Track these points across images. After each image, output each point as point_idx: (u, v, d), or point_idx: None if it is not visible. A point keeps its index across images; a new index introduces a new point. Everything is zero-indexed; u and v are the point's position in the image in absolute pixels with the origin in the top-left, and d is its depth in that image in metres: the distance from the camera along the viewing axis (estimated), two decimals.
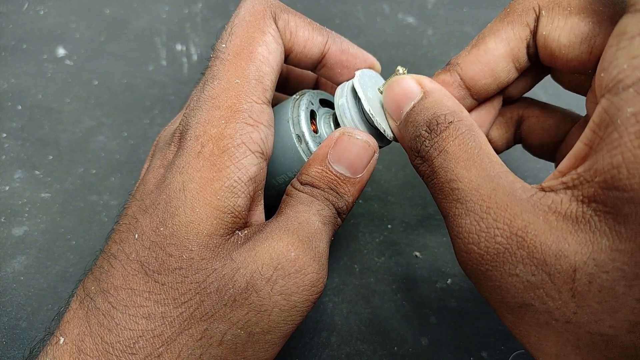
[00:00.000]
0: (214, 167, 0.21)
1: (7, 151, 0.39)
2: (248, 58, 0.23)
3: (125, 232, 0.21)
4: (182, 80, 0.46)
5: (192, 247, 0.20)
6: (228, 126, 0.21)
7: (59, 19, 0.53)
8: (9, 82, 0.45)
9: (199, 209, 0.20)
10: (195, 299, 0.19)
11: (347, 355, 0.27)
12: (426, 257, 0.32)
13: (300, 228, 0.22)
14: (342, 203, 0.24)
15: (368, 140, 0.24)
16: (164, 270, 0.20)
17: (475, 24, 0.51)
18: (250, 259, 0.20)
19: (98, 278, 0.21)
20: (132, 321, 0.19)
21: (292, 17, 0.25)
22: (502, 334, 0.28)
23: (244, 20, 0.24)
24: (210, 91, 0.22)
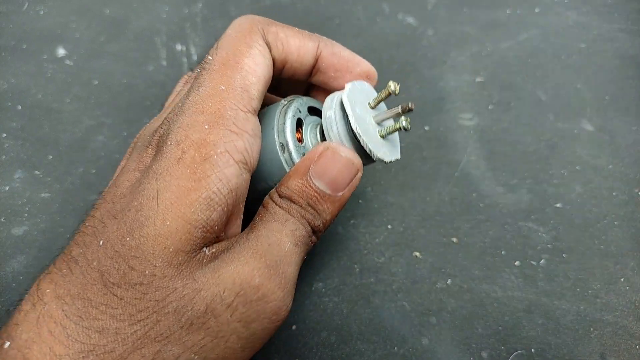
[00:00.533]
0: (193, 175, 0.20)
1: (7, 151, 0.39)
2: (234, 68, 0.22)
3: (90, 235, 0.20)
4: None
5: (157, 262, 0.19)
6: (212, 132, 0.20)
7: (59, 19, 0.53)
8: (9, 82, 0.45)
9: (170, 222, 0.19)
10: (152, 318, 0.19)
11: (347, 355, 0.27)
12: (426, 258, 0.32)
13: (269, 251, 0.21)
14: (319, 221, 0.23)
15: (352, 159, 0.24)
16: (124, 284, 0.19)
17: (475, 24, 0.51)
18: (213, 281, 0.19)
19: (55, 281, 0.19)
20: (85, 334, 0.18)
21: (280, 28, 0.25)
22: (501, 334, 0.28)
23: (230, 36, 0.24)
24: (194, 97, 0.22)
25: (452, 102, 0.42)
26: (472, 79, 0.45)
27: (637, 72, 0.44)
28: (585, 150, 0.38)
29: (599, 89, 0.43)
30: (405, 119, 0.25)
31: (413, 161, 0.38)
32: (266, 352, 0.27)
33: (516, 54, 0.47)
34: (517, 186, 0.36)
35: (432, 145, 0.39)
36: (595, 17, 0.51)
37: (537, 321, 0.28)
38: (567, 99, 0.42)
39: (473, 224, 0.33)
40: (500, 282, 0.30)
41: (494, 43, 0.48)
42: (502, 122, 0.41)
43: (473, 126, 0.40)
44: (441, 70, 0.46)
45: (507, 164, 0.37)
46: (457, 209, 0.34)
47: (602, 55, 0.46)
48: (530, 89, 0.43)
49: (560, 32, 0.49)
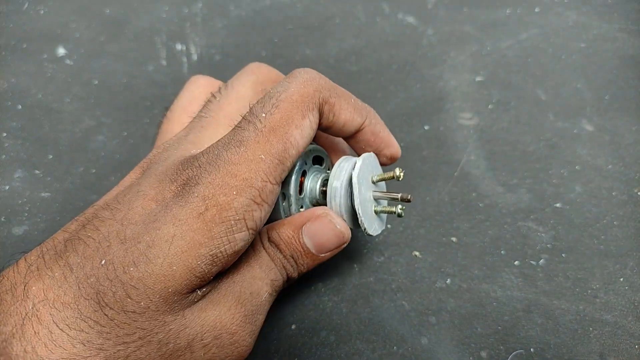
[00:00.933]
0: (208, 233, 0.21)
1: (7, 151, 0.39)
2: (281, 137, 0.23)
3: (92, 249, 0.21)
4: (182, 80, 0.46)
5: (154, 298, 0.20)
6: (237, 199, 0.21)
7: (59, 19, 0.53)
8: (9, 82, 0.45)
9: (175, 267, 0.20)
10: (137, 343, 0.20)
11: (346, 355, 0.27)
12: (425, 257, 0.32)
13: (249, 300, 0.23)
14: (295, 272, 0.26)
15: (344, 232, 0.26)
16: (118, 309, 0.19)
17: (475, 24, 0.51)
18: (199, 321, 0.21)
19: (45, 283, 0.20)
20: (70, 343, 0.19)
21: (338, 100, 0.25)
22: (501, 334, 0.28)
23: (291, 98, 0.23)
24: (233, 155, 0.22)
25: (452, 101, 0.42)
26: (472, 79, 0.45)
27: (637, 72, 0.44)
28: (585, 150, 0.38)
29: (599, 88, 0.43)
30: (401, 207, 0.27)
31: (413, 161, 0.38)
32: (266, 352, 0.27)
33: (516, 53, 0.47)
34: (516, 186, 0.36)
35: (432, 145, 0.39)
36: (595, 17, 0.51)
37: (537, 321, 0.28)
38: (567, 98, 0.42)
39: (473, 224, 0.33)
40: (500, 281, 0.30)
41: (493, 43, 0.48)
42: (502, 121, 0.41)
43: (473, 126, 0.40)
44: (441, 69, 0.46)
45: (507, 163, 0.37)
46: (456, 208, 0.34)
47: (602, 55, 0.46)
48: (530, 89, 0.43)
49: (560, 32, 0.49)
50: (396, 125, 0.40)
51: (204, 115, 0.27)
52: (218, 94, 0.28)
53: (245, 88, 0.28)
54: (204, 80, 0.32)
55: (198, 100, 0.30)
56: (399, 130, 0.40)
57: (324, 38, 0.50)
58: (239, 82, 0.28)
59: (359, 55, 0.47)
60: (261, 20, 0.52)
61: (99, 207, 0.23)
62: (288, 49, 0.49)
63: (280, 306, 0.29)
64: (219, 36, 0.51)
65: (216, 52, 0.49)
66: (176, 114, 0.31)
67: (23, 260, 0.22)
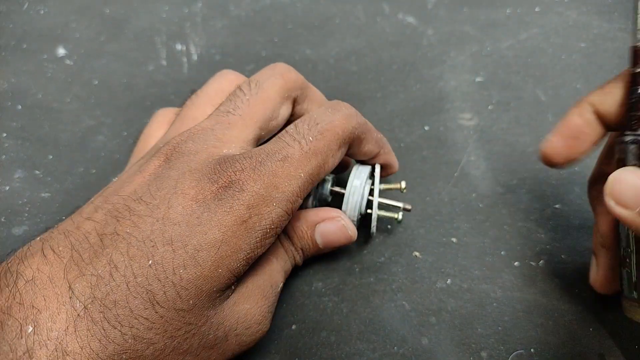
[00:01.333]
0: (248, 240, 0.22)
1: (7, 151, 0.39)
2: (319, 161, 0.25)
3: (135, 248, 0.21)
4: (182, 80, 0.46)
5: (201, 296, 0.22)
6: (275, 210, 0.23)
7: (59, 19, 0.53)
8: (9, 82, 0.45)
9: (221, 270, 0.22)
10: (183, 336, 0.21)
11: (347, 355, 0.27)
12: (426, 258, 0.32)
13: (271, 292, 0.26)
14: (300, 262, 0.29)
15: (352, 236, 0.29)
16: (168, 307, 0.21)
17: (475, 24, 0.51)
18: (234, 315, 0.23)
19: (92, 284, 0.20)
20: (122, 338, 0.20)
21: (366, 135, 0.28)
22: (501, 334, 0.28)
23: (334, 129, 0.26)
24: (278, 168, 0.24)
25: (452, 102, 0.43)
26: (471, 79, 0.45)
27: None
28: None
29: None
30: (402, 215, 0.31)
31: (412, 161, 0.38)
32: (266, 352, 0.27)
33: (516, 53, 0.47)
34: (516, 186, 0.36)
35: (432, 145, 0.39)
36: (595, 17, 0.51)
37: (537, 321, 0.28)
38: (567, 99, 0.42)
39: (473, 224, 0.33)
40: (500, 282, 0.30)
41: (493, 43, 0.48)
42: (502, 122, 0.41)
43: (473, 126, 0.40)
44: (441, 70, 0.46)
45: (507, 164, 0.37)
46: (456, 209, 0.34)
47: (602, 55, 0.46)
48: (530, 89, 0.43)
49: (560, 32, 0.49)
50: (396, 126, 0.41)
51: (231, 112, 0.27)
52: (247, 90, 0.28)
53: (274, 91, 0.28)
54: (233, 76, 0.32)
55: (225, 94, 0.30)
56: (398, 130, 0.40)
57: (324, 38, 0.50)
58: (269, 84, 0.28)
59: (359, 55, 0.47)
60: (261, 20, 0.52)
61: (128, 198, 0.23)
62: (288, 49, 0.49)
63: (281, 306, 0.29)
64: (219, 36, 0.51)
65: (216, 52, 0.49)
66: (202, 101, 0.31)
67: (50, 250, 0.22)
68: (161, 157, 0.25)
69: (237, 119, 0.27)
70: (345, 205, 0.29)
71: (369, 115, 0.28)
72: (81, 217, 0.23)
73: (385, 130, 0.40)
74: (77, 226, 0.23)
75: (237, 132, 0.26)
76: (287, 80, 0.29)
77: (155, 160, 0.25)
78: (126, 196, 0.23)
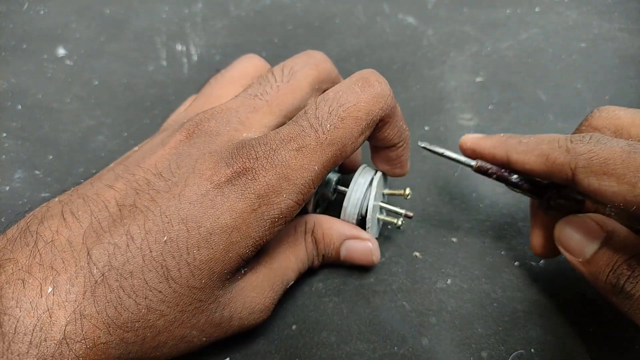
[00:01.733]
0: (257, 227, 0.23)
1: (7, 151, 0.39)
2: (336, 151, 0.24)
3: (152, 222, 0.22)
4: (182, 80, 0.46)
5: (213, 277, 0.22)
6: (285, 201, 0.23)
7: (59, 19, 0.53)
8: (9, 82, 0.45)
9: (231, 254, 0.22)
10: (192, 311, 0.22)
11: (347, 355, 0.27)
12: (426, 258, 0.32)
13: (280, 287, 0.26)
14: (317, 266, 0.30)
15: (375, 262, 0.30)
16: (182, 284, 0.22)
17: (475, 24, 0.51)
18: (241, 299, 0.24)
19: (109, 252, 0.21)
20: (136, 307, 0.21)
21: (392, 120, 0.26)
22: (501, 334, 0.28)
23: (357, 114, 0.24)
24: (291, 159, 0.23)
25: (452, 102, 0.43)
26: (472, 79, 0.45)
27: (637, 72, 0.44)
28: None
29: (599, 88, 0.43)
30: (402, 220, 0.30)
31: (412, 161, 0.38)
32: (266, 352, 0.27)
33: (516, 53, 0.47)
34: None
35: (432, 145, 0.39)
36: (595, 17, 0.51)
37: (537, 321, 0.28)
38: (567, 99, 0.42)
39: (473, 224, 0.33)
40: (500, 282, 0.30)
41: (493, 43, 0.48)
42: (502, 122, 0.41)
43: (473, 126, 0.40)
44: (441, 70, 0.46)
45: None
46: (456, 209, 0.34)
47: (602, 55, 0.46)
48: (530, 89, 0.43)
49: (560, 32, 0.49)
50: None
51: (258, 95, 0.27)
52: (279, 76, 0.27)
53: (306, 82, 0.28)
54: (258, 61, 0.32)
55: (249, 77, 0.30)
56: None
57: (324, 38, 0.50)
58: (303, 74, 0.28)
59: (359, 56, 0.47)
60: (261, 20, 0.52)
61: (149, 171, 0.24)
62: (288, 49, 0.49)
63: (281, 307, 0.29)
64: (219, 36, 0.51)
65: (216, 52, 0.49)
66: (226, 80, 0.31)
67: (70, 214, 0.22)
68: (183, 132, 0.25)
69: (263, 104, 0.26)
70: (346, 206, 0.29)
71: None
72: (101, 184, 0.24)
73: None
74: (97, 192, 0.23)
75: (260, 117, 0.26)
76: (321, 71, 0.28)
77: (178, 135, 0.25)
78: (147, 169, 0.24)
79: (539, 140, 0.25)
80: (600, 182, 0.21)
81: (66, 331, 0.19)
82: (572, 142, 0.23)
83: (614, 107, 0.26)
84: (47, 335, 0.19)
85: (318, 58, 0.29)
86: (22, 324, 0.19)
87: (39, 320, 0.19)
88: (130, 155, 0.26)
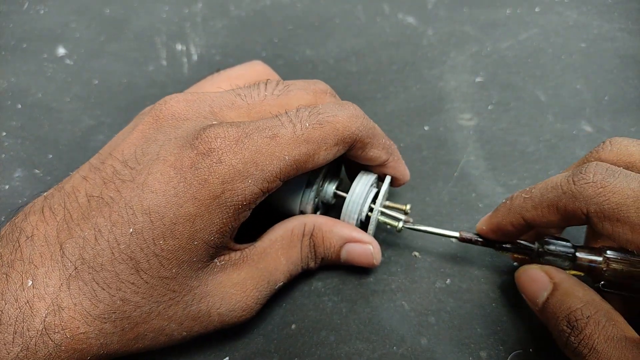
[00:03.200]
0: (221, 214, 0.22)
1: (7, 150, 0.39)
2: (309, 150, 0.24)
3: (117, 214, 0.22)
4: (182, 80, 0.46)
5: (183, 266, 0.22)
6: (250, 188, 0.23)
7: (59, 19, 0.53)
8: (9, 81, 0.45)
9: (197, 242, 0.22)
10: (167, 302, 0.23)
11: (346, 354, 0.27)
12: (425, 258, 0.32)
13: (266, 287, 0.26)
14: (314, 268, 0.29)
15: (375, 265, 0.29)
16: (152, 274, 0.22)
17: (475, 24, 0.51)
18: (219, 294, 0.24)
19: (80, 246, 0.21)
20: (110, 299, 0.21)
21: (371, 140, 0.27)
22: (500, 334, 0.28)
23: (335, 125, 0.25)
24: (263, 145, 0.23)
25: (452, 102, 0.43)
26: (471, 79, 0.45)
27: (637, 72, 0.44)
28: (584, 151, 0.38)
29: (599, 89, 0.43)
30: (402, 224, 0.29)
31: (412, 161, 0.38)
32: (265, 351, 0.27)
33: (516, 53, 0.47)
34: (516, 186, 0.36)
35: (432, 145, 0.39)
36: (595, 17, 0.51)
37: (536, 321, 0.28)
38: (567, 99, 0.42)
39: (472, 224, 0.33)
40: (499, 282, 0.30)
41: (493, 43, 0.48)
42: (501, 122, 0.41)
43: (473, 126, 0.40)
44: (441, 70, 0.46)
45: (507, 164, 0.37)
46: (456, 209, 0.34)
47: (602, 55, 0.46)
48: (530, 89, 0.43)
49: (560, 32, 0.49)
50: (396, 126, 0.41)
51: (241, 96, 0.26)
52: (271, 87, 0.27)
53: (296, 104, 0.27)
54: (260, 67, 0.32)
55: (245, 79, 0.30)
56: (398, 130, 0.40)
57: (324, 38, 0.50)
58: (295, 95, 0.27)
59: (359, 56, 0.47)
60: (261, 20, 0.52)
61: (116, 160, 0.24)
62: (288, 49, 0.49)
63: (281, 306, 0.29)
64: (219, 36, 0.51)
65: (216, 52, 0.49)
66: (221, 78, 0.31)
67: (48, 208, 0.23)
68: (152, 116, 0.25)
69: (243, 104, 0.26)
70: (345, 209, 0.29)
71: (369, 115, 0.28)
72: (78, 176, 0.25)
73: (385, 130, 0.40)
74: (73, 185, 0.24)
75: (234, 115, 0.26)
76: (319, 101, 0.28)
77: (146, 119, 0.25)
78: (115, 157, 0.24)
79: (542, 190, 0.24)
80: (614, 228, 0.20)
81: (46, 322, 0.20)
82: (575, 184, 0.22)
83: (625, 140, 0.25)
84: (30, 325, 0.20)
85: (320, 87, 0.28)
86: (7, 314, 0.20)
87: (21, 311, 0.20)
88: (109, 144, 0.26)
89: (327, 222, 0.28)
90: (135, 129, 0.25)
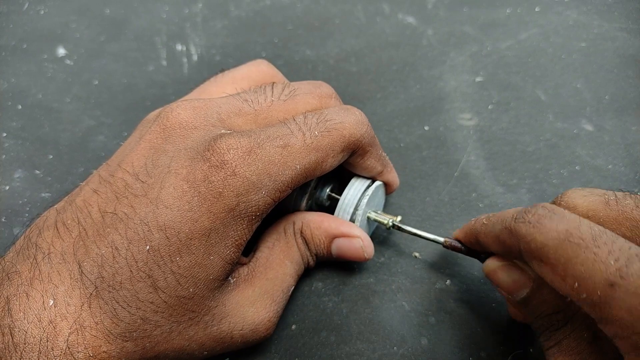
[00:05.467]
0: (235, 226, 0.22)
1: (7, 150, 0.39)
2: (318, 158, 0.25)
3: (133, 231, 0.21)
4: (182, 80, 0.46)
5: (199, 285, 0.22)
6: (263, 199, 0.23)
7: (59, 19, 0.53)
8: (9, 82, 0.45)
9: (213, 257, 0.22)
10: (187, 323, 0.22)
11: (347, 355, 0.27)
12: (425, 258, 0.32)
13: (282, 297, 0.26)
14: (312, 265, 0.29)
15: (367, 258, 0.29)
16: (171, 293, 0.22)
17: (475, 24, 0.51)
18: (240, 315, 0.24)
19: (99, 264, 0.21)
20: (130, 318, 0.21)
21: (371, 149, 0.28)
22: (500, 334, 0.28)
23: (342, 132, 0.25)
24: (275, 155, 0.23)
25: (452, 102, 0.43)
26: (471, 79, 0.45)
27: (637, 72, 0.44)
28: (584, 150, 0.38)
29: (599, 88, 0.43)
30: (392, 223, 0.30)
31: (412, 161, 0.38)
32: (266, 352, 0.28)
33: (516, 53, 0.47)
34: (516, 186, 0.36)
35: (432, 145, 0.39)
36: (595, 17, 0.51)
37: None
38: (567, 99, 0.42)
39: None
40: None
41: (493, 43, 0.48)
42: (501, 122, 0.41)
43: (473, 126, 0.40)
44: (441, 70, 0.46)
45: (507, 163, 0.37)
46: (456, 209, 0.34)
47: (602, 54, 0.46)
48: (530, 89, 0.43)
49: (560, 32, 0.49)
50: (396, 126, 0.41)
51: (248, 101, 0.26)
52: (278, 92, 0.27)
53: (303, 108, 0.27)
54: (265, 67, 0.32)
55: (250, 81, 0.30)
56: (398, 130, 0.40)
57: (324, 38, 0.50)
58: (302, 99, 0.27)
59: (358, 56, 0.47)
60: (261, 21, 0.52)
61: (126, 173, 0.23)
62: (288, 49, 0.49)
63: None
64: (219, 36, 0.51)
65: (216, 52, 0.49)
66: (225, 80, 0.30)
67: (62, 224, 0.23)
68: (159, 125, 0.25)
69: (250, 110, 0.26)
70: (338, 210, 0.29)
71: (369, 115, 0.28)
72: (89, 189, 0.24)
73: (385, 130, 0.40)
74: (84, 199, 0.23)
75: (242, 122, 0.25)
76: (324, 105, 0.28)
77: (153, 128, 0.25)
78: (124, 169, 0.23)
79: (496, 221, 0.23)
80: (539, 267, 0.20)
81: (69, 341, 0.20)
82: (515, 221, 0.21)
83: (577, 193, 0.24)
84: (54, 345, 0.20)
85: (325, 91, 0.28)
86: (31, 335, 0.20)
87: (45, 331, 0.20)
88: (116, 154, 0.26)
89: (315, 219, 0.28)
90: (142, 138, 0.24)
